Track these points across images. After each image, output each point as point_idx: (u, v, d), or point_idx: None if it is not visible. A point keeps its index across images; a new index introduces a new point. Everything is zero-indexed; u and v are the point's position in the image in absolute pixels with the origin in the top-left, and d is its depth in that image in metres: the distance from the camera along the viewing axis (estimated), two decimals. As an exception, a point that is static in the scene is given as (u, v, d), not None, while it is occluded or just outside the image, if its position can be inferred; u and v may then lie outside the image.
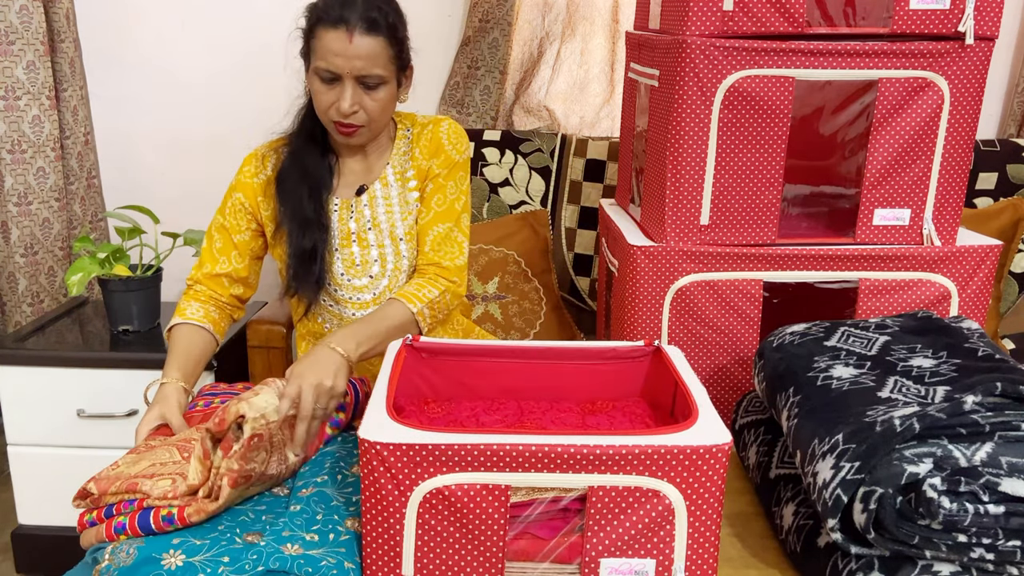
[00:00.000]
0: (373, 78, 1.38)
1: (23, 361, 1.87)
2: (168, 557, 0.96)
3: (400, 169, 1.53)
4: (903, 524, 0.90)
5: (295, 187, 1.48)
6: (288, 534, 0.99)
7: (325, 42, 1.37)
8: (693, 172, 1.48)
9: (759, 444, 1.27)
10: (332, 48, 1.36)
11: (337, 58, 1.36)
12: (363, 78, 1.38)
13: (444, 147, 1.52)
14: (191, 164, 2.40)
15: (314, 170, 1.49)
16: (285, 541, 0.98)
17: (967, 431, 0.93)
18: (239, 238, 1.51)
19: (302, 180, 1.48)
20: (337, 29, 1.35)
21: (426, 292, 1.44)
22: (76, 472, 1.92)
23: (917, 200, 1.51)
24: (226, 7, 2.30)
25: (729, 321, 1.53)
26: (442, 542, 0.92)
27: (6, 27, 2.09)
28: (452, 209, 1.52)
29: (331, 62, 1.37)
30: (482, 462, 0.89)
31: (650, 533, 0.91)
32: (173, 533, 1.00)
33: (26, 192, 2.19)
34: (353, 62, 1.36)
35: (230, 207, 1.52)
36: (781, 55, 1.42)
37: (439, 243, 1.50)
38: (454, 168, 1.52)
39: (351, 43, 1.35)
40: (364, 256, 1.51)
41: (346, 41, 1.35)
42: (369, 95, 1.40)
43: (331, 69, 1.37)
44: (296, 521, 1.02)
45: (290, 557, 0.95)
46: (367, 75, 1.38)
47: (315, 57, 1.39)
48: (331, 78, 1.38)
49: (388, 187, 1.52)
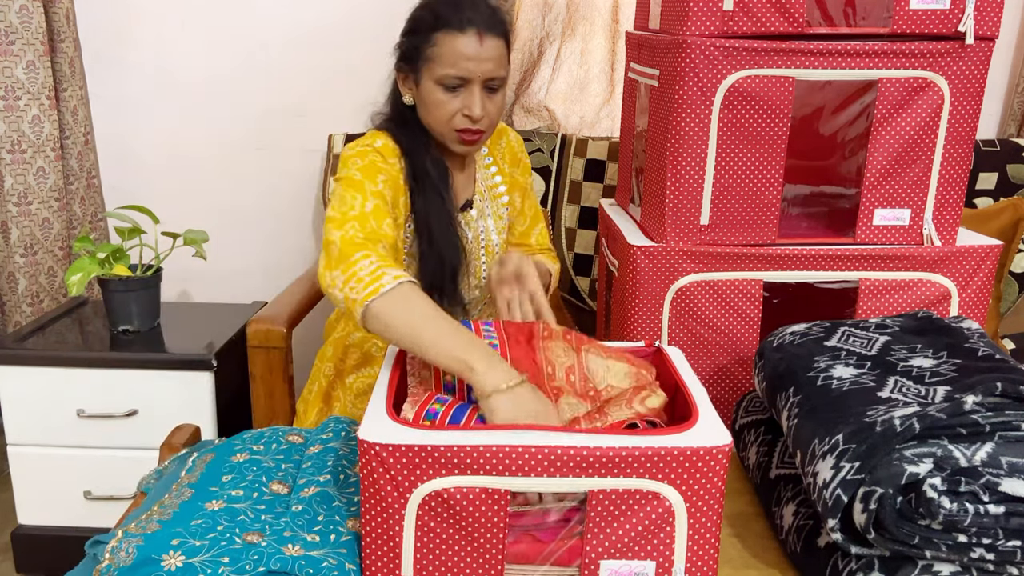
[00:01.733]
0: (498, 80, 1.36)
1: (23, 361, 1.88)
2: (168, 558, 0.96)
3: (489, 183, 1.54)
4: (903, 524, 0.90)
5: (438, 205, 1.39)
6: (289, 534, 0.99)
7: (454, 47, 1.32)
8: (693, 172, 1.48)
9: (759, 444, 1.27)
10: (464, 53, 1.31)
11: (469, 62, 1.32)
12: (490, 81, 1.35)
13: (521, 158, 1.60)
14: (191, 164, 2.40)
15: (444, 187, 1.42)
16: (286, 542, 0.98)
17: (967, 431, 0.93)
18: (395, 214, 1.35)
19: (439, 198, 1.40)
20: (466, 33, 1.31)
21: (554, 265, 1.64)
22: (76, 472, 1.93)
23: (917, 200, 1.51)
24: (226, 7, 2.30)
25: (729, 321, 1.53)
26: (441, 544, 0.92)
27: (6, 27, 2.09)
28: (539, 210, 1.67)
29: (463, 67, 1.32)
30: (481, 464, 0.88)
31: (650, 535, 0.91)
32: (172, 534, 1.00)
33: (26, 192, 2.19)
34: (484, 65, 1.33)
35: (383, 181, 1.32)
36: (781, 55, 1.42)
37: (542, 239, 1.67)
38: (530, 176, 1.64)
39: (482, 46, 1.32)
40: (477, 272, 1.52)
41: (477, 44, 1.32)
42: (491, 99, 1.37)
43: (461, 75, 1.33)
44: (297, 521, 1.02)
45: (291, 558, 0.95)
46: (494, 77, 1.35)
47: (439, 64, 1.33)
48: (458, 84, 1.34)
49: (484, 201, 1.52)
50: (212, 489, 1.11)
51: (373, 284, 1.09)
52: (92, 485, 1.94)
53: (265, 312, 1.85)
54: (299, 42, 2.32)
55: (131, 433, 1.90)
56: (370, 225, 1.22)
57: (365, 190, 1.28)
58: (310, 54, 2.32)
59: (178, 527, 1.01)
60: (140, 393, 1.89)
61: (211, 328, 2.02)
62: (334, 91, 2.33)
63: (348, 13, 2.27)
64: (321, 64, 2.31)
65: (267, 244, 2.46)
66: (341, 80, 2.32)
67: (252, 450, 1.23)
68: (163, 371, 1.87)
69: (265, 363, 1.75)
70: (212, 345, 1.92)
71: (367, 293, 1.08)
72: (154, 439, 1.35)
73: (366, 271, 1.11)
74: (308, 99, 2.34)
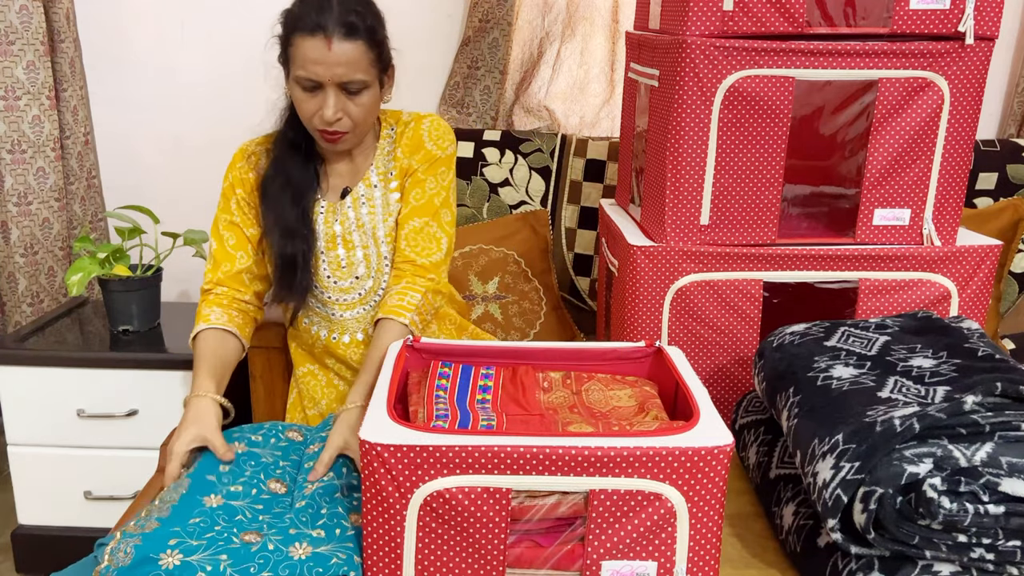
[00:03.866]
0: (355, 83, 1.36)
1: (23, 361, 1.87)
2: (165, 557, 0.96)
3: (383, 169, 1.51)
4: (903, 524, 0.90)
5: (278, 194, 1.46)
6: (295, 532, 0.99)
7: (303, 50, 1.33)
8: (693, 172, 1.48)
9: (759, 444, 1.27)
10: (311, 56, 1.33)
11: (317, 66, 1.33)
12: (345, 84, 1.35)
13: (424, 144, 1.49)
14: (191, 164, 2.40)
15: (298, 177, 1.47)
16: (292, 541, 0.98)
17: (967, 431, 0.93)
18: (251, 232, 1.49)
19: (285, 187, 1.46)
20: (315, 37, 1.32)
21: (409, 299, 1.41)
22: (76, 472, 1.93)
23: (917, 200, 1.51)
24: (226, 7, 2.30)
25: (729, 321, 1.53)
26: (443, 544, 0.92)
27: (6, 27, 2.09)
28: (430, 203, 1.48)
29: (311, 71, 1.34)
30: (483, 464, 0.89)
31: (651, 535, 0.91)
32: (169, 533, 1.00)
33: (26, 192, 2.19)
34: (334, 69, 1.33)
35: (236, 203, 1.49)
36: (781, 55, 1.42)
37: (414, 237, 1.47)
38: (435, 163, 1.49)
39: (330, 50, 1.32)
40: (350, 258, 1.50)
41: (325, 49, 1.32)
42: (352, 100, 1.37)
43: (311, 77, 1.34)
44: (301, 517, 1.02)
45: (299, 562, 0.95)
46: (349, 81, 1.35)
47: (294, 66, 1.36)
48: (312, 86, 1.35)
49: (371, 188, 1.50)
50: (209, 479, 1.10)
51: (196, 327, 1.43)
52: (92, 485, 1.94)
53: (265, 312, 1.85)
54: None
55: (131, 433, 1.90)
56: (218, 273, 1.47)
57: (219, 226, 1.49)
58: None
59: (175, 526, 1.01)
60: (140, 393, 1.89)
61: (211, 328, 2.02)
62: (334, 91, 2.33)
63: (348, 13, 2.27)
64: (321, 64, 2.31)
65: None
66: (341, 80, 2.32)
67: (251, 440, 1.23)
68: (163, 371, 1.87)
69: (265, 363, 1.75)
70: (212, 345, 1.91)
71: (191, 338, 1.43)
72: (154, 439, 1.35)
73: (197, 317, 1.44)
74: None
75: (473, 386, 1.14)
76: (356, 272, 1.51)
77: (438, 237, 1.48)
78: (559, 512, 0.93)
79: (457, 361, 1.20)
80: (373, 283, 1.51)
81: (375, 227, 1.50)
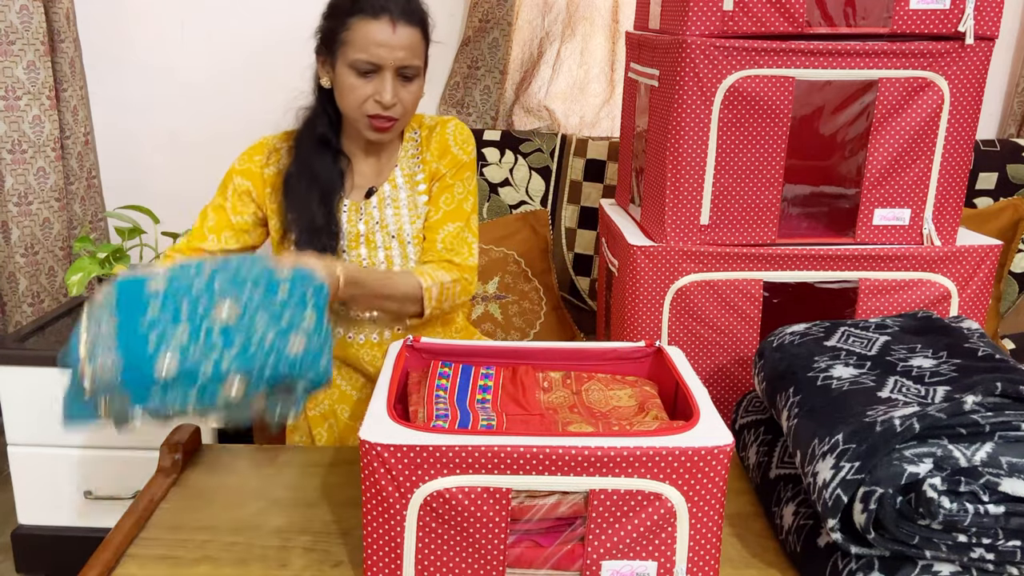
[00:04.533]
0: (412, 69, 1.37)
1: (23, 361, 1.87)
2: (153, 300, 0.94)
3: (409, 171, 1.51)
4: (903, 524, 0.90)
5: (305, 193, 1.45)
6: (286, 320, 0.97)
7: (366, 32, 1.34)
8: (693, 172, 1.48)
9: (759, 444, 1.27)
10: (376, 39, 1.34)
11: (380, 48, 1.34)
12: (403, 69, 1.37)
13: (451, 148, 1.50)
14: (191, 164, 2.40)
15: (326, 174, 1.47)
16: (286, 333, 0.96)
17: (967, 431, 0.93)
18: (237, 220, 1.49)
19: (312, 185, 1.46)
20: (379, 19, 1.34)
21: (440, 275, 1.42)
22: (76, 472, 1.93)
23: (917, 200, 1.51)
24: (226, 7, 2.30)
25: (729, 321, 1.53)
26: (443, 544, 0.92)
27: (6, 27, 2.09)
28: (461, 209, 1.50)
29: (373, 53, 1.34)
30: (483, 464, 0.89)
31: (651, 535, 0.91)
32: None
33: (26, 192, 2.19)
34: (396, 52, 1.35)
35: (232, 190, 1.48)
36: (781, 55, 1.42)
37: (451, 242, 1.48)
38: (461, 168, 1.51)
39: (394, 33, 1.34)
40: (371, 258, 1.50)
41: (390, 31, 1.34)
42: (405, 87, 1.39)
43: (373, 60, 1.35)
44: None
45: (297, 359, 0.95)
46: (407, 66, 1.36)
47: (352, 49, 1.36)
48: (370, 70, 1.36)
49: (397, 189, 1.50)
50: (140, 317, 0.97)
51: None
52: (92, 485, 1.94)
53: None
54: (299, 42, 2.31)
55: (131, 433, 1.90)
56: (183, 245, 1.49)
57: (207, 209, 1.50)
58: (310, 54, 2.31)
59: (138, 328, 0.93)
60: (140, 393, 1.88)
61: (211, 328, 2.02)
62: (334, 91, 2.33)
63: (348, 13, 2.27)
64: (321, 64, 2.31)
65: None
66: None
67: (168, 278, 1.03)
68: (163, 371, 1.87)
69: (265, 363, 1.75)
70: (212, 345, 1.92)
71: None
72: (154, 439, 1.35)
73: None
74: (307, 99, 2.34)
75: (473, 386, 1.14)
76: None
77: (471, 243, 1.50)
78: (559, 512, 0.93)
79: (457, 361, 1.20)
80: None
81: (400, 228, 1.50)
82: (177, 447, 1.26)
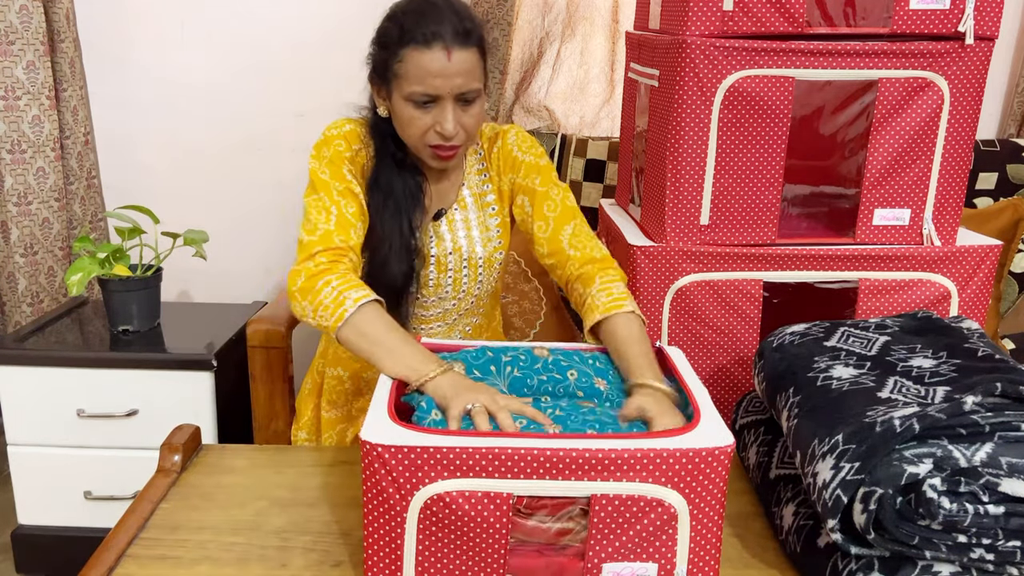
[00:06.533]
0: (472, 92, 1.29)
1: (23, 361, 1.87)
2: None
3: (478, 192, 1.45)
4: (903, 524, 0.90)
5: (392, 212, 1.37)
6: None
7: (419, 63, 1.25)
8: (693, 172, 1.48)
9: (759, 444, 1.27)
10: (431, 69, 1.25)
11: (436, 79, 1.25)
12: (463, 95, 1.28)
13: (521, 158, 1.44)
14: (191, 164, 2.40)
15: (409, 197, 1.38)
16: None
17: (967, 431, 0.93)
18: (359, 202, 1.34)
19: (398, 209, 1.37)
20: (432, 49, 1.25)
21: (618, 289, 1.29)
22: (76, 472, 1.93)
23: (917, 200, 1.51)
24: (226, 8, 2.30)
25: (729, 321, 1.53)
26: (443, 547, 0.92)
27: (6, 27, 2.09)
28: (567, 208, 1.42)
29: (430, 84, 1.26)
30: (484, 467, 0.88)
31: (652, 537, 0.91)
32: None
33: (26, 192, 2.19)
34: (453, 80, 1.26)
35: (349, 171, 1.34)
36: (781, 55, 1.42)
37: (577, 239, 1.39)
38: (542, 172, 1.44)
39: (450, 60, 1.25)
40: (439, 279, 1.45)
41: (444, 59, 1.25)
42: (466, 111, 1.30)
43: (430, 92, 1.26)
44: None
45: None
46: (467, 91, 1.28)
47: (407, 82, 1.27)
48: (427, 100, 1.28)
49: (467, 210, 1.45)
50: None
51: (338, 311, 1.16)
52: (92, 485, 1.94)
53: (265, 312, 1.85)
54: (299, 42, 2.32)
55: (131, 433, 1.90)
56: (334, 242, 1.26)
57: (331, 193, 1.31)
58: (310, 54, 2.32)
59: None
60: (140, 393, 1.89)
61: (211, 328, 2.02)
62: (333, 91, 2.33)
63: (348, 13, 2.27)
64: (321, 64, 2.31)
65: (267, 244, 2.46)
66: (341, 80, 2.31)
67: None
68: (163, 371, 1.87)
69: (265, 363, 1.75)
70: (212, 345, 1.92)
71: (334, 321, 1.16)
72: (154, 439, 1.35)
73: (329, 298, 1.18)
74: (307, 99, 2.34)
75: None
76: (441, 292, 1.47)
77: (592, 234, 1.42)
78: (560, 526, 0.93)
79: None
80: (456, 304, 1.49)
81: (472, 249, 1.44)
82: (177, 447, 1.26)
